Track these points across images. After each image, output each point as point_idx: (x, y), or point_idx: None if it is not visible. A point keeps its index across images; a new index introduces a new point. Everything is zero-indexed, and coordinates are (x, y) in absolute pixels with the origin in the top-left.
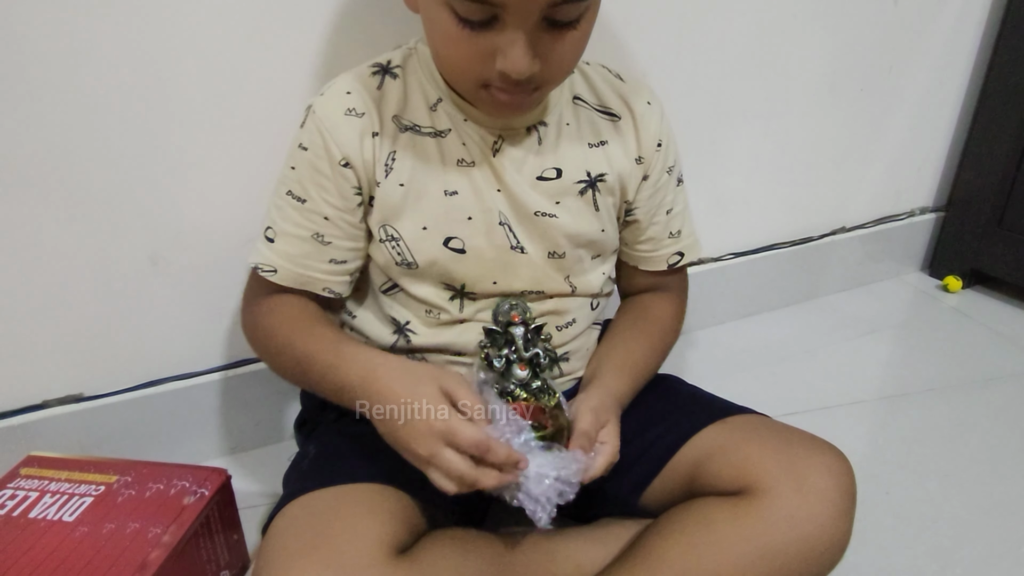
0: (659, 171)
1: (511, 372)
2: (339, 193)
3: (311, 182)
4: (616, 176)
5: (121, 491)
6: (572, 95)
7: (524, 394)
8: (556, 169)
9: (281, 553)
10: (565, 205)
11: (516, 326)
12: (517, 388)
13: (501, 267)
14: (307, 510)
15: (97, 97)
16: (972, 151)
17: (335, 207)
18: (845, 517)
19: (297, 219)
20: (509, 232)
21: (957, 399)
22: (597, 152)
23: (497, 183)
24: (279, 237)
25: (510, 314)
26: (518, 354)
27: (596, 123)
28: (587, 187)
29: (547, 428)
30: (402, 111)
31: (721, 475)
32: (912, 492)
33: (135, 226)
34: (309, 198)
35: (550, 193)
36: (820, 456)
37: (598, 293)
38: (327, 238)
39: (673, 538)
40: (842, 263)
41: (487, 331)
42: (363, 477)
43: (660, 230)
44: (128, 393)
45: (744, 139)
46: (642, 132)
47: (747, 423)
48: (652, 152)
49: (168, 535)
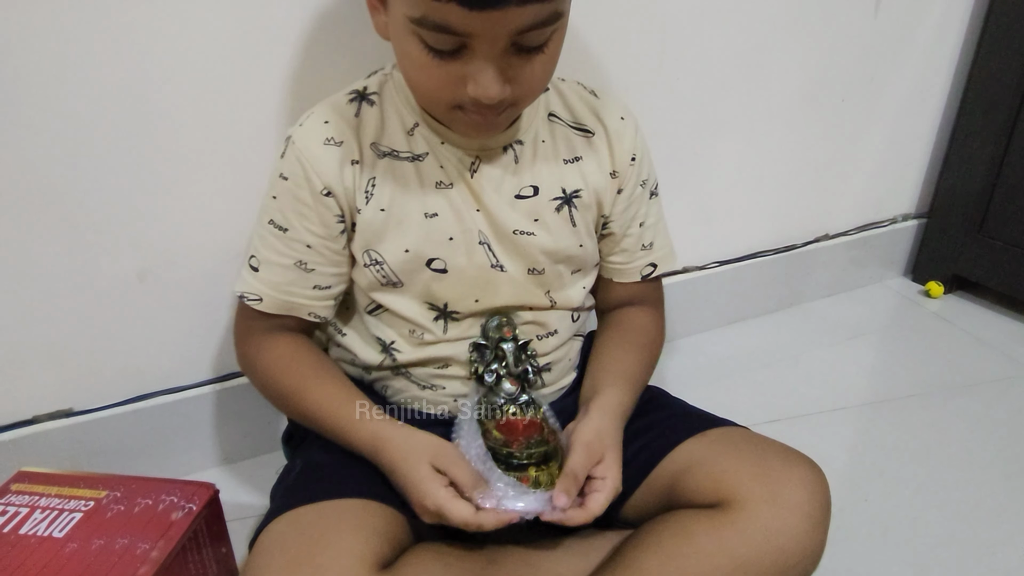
0: (633, 184)
1: (500, 386)
2: (321, 222)
3: (292, 211)
4: (592, 192)
5: (110, 507)
6: (547, 112)
7: (513, 408)
8: (533, 187)
9: (266, 570)
10: (543, 222)
11: (507, 341)
12: (506, 403)
13: (482, 285)
14: (292, 526)
15: (85, 114)
16: (953, 159)
17: (317, 235)
18: (819, 529)
19: (280, 248)
20: (489, 251)
21: (937, 405)
22: (572, 168)
23: (476, 203)
24: (263, 266)
25: (502, 330)
26: (508, 369)
27: (571, 139)
28: (563, 203)
29: (549, 443)
30: (380, 137)
31: (699, 488)
32: (890, 499)
33: (123, 243)
34: (291, 227)
35: (528, 211)
36: (795, 469)
37: (579, 307)
38: (310, 265)
39: (651, 549)
40: (825, 270)
41: (476, 346)
42: (348, 493)
43: (633, 242)
44: (118, 407)
45: (727, 149)
46: (616, 147)
47: (725, 436)
48: (626, 166)
49: (156, 551)
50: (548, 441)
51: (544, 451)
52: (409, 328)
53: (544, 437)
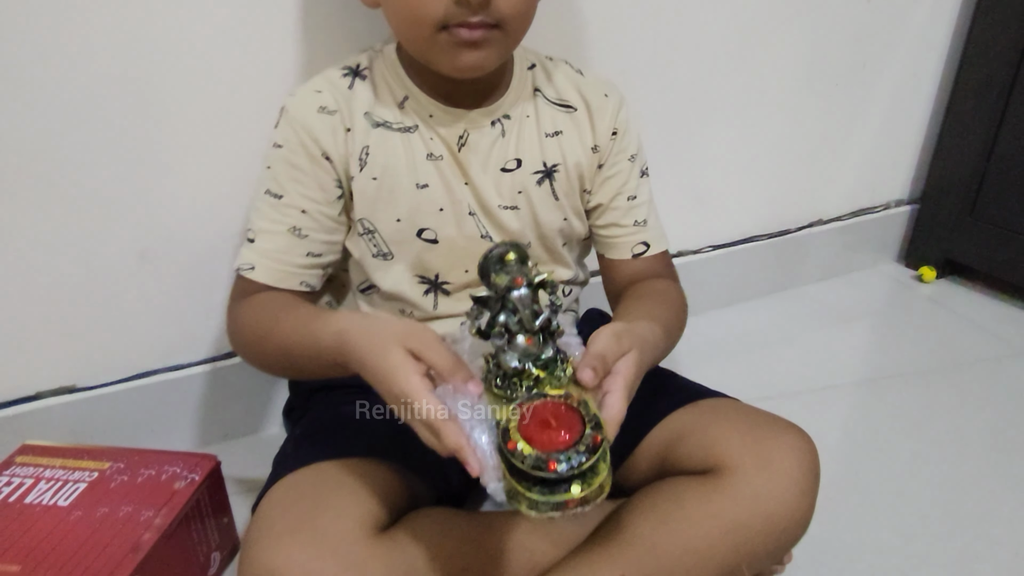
0: (614, 156)
1: (515, 345)
2: (319, 186)
3: (287, 177)
4: (572, 166)
5: (114, 477)
6: (533, 88)
7: (535, 370)
8: (516, 160)
9: (267, 533)
10: (526, 195)
11: (518, 289)
12: (527, 364)
13: (473, 256)
14: (292, 491)
15: (86, 95)
16: (945, 143)
17: (313, 200)
18: (808, 495)
19: (274, 216)
20: (479, 222)
21: (928, 384)
22: (552, 142)
23: (464, 177)
24: (258, 236)
25: (511, 274)
26: (524, 324)
27: (553, 115)
28: (544, 177)
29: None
30: (372, 108)
31: (691, 456)
32: (880, 472)
33: (124, 222)
34: (285, 193)
35: (512, 185)
36: (785, 437)
37: (571, 280)
38: (304, 231)
39: (644, 515)
40: (819, 254)
41: (477, 300)
42: (346, 452)
43: (622, 215)
44: (120, 384)
45: (721, 134)
46: (597, 122)
47: (716, 406)
48: (607, 141)
49: (160, 518)
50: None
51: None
52: (399, 307)
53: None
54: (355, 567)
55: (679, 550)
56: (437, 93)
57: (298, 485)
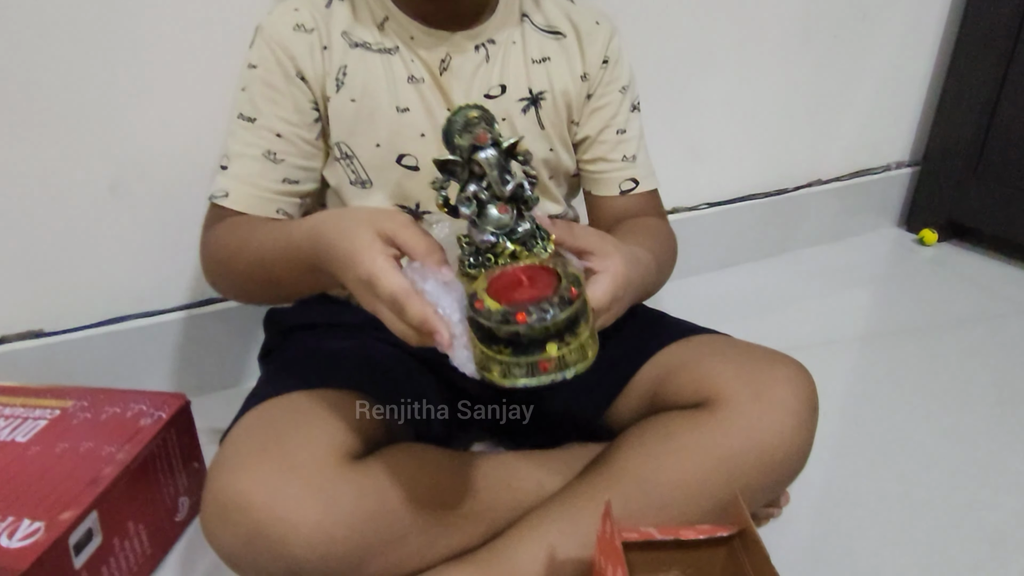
0: (604, 87)
1: (487, 216)
2: (295, 107)
3: (262, 98)
4: (559, 94)
5: (77, 414)
6: (520, 14)
7: (511, 245)
8: (501, 86)
9: (233, 456)
10: (511, 123)
11: (484, 149)
12: (500, 238)
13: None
14: (262, 419)
15: (53, 16)
16: (947, 101)
17: (289, 122)
18: (805, 427)
19: (248, 139)
20: None
21: (930, 340)
22: (539, 69)
23: (446, 102)
24: (232, 161)
25: (474, 132)
26: (493, 189)
27: (541, 41)
28: (529, 104)
29: (574, 301)
30: (351, 28)
31: (682, 390)
32: (882, 424)
33: (92, 151)
34: (260, 115)
35: (496, 112)
36: (780, 368)
37: (560, 216)
38: (280, 155)
39: (633, 450)
40: (818, 216)
41: (441, 164)
42: (320, 383)
43: (609, 150)
44: (90, 330)
45: (716, 86)
46: (587, 49)
47: (709, 340)
48: (597, 69)
49: (122, 453)
50: (569, 299)
51: (569, 315)
52: None
53: (562, 295)
54: (323, 490)
55: (669, 484)
56: (418, 14)
57: (268, 413)
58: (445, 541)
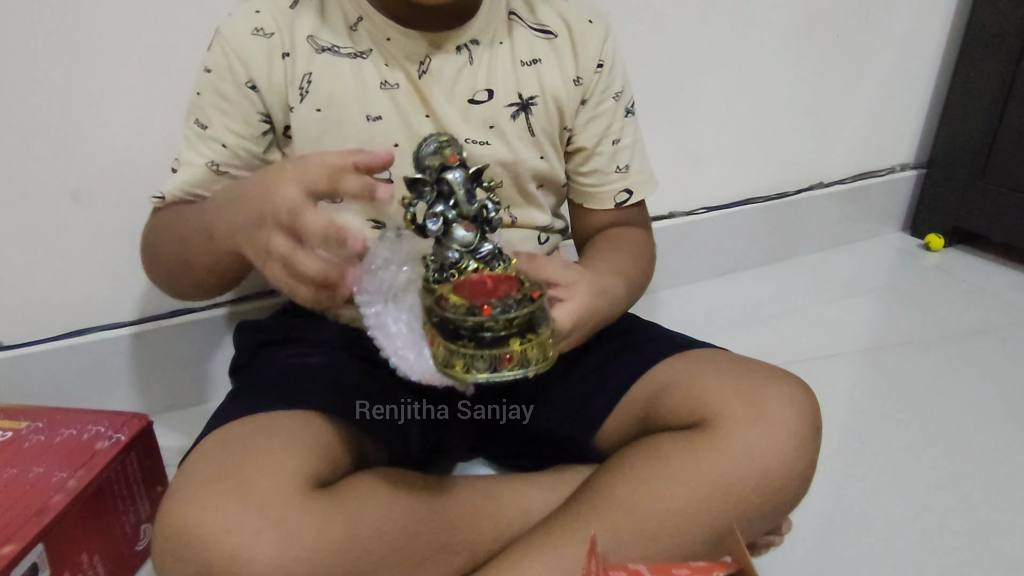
0: (600, 94)
1: (452, 234)
2: (243, 118)
3: (213, 107)
4: (551, 98)
5: (29, 437)
6: (507, 11)
7: (474, 263)
8: (487, 91)
9: (186, 485)
10: (499, 131)
11: (452, 170)
12: (464, 255)
13: None
14: (220, 442)
15: (9, 17)
16: (953, 102)
17: (236, 134)
18: (807, 448)
19: (199, 147)
20: None
21: (937, 351)
22: (528, 72)
23: (425, 108)
24: (181, 168)
25: (443, 154)
26: (459, 209)
27: (531, 42)
28: (519, 110)
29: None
30: (318, 31)
31: (675, 409)
32: (889, 443)
33: (54, 159)
34: (210, 124)
35: (482, 118)
36: (780, 385)
37: (546, 227)
38: (223, 167)
39: (622, 475)
40: (820, 221)
41: (411, 182)
42: (285, 403)
43: (605, 162)
44: (51, 343)
45: (715, 86)
46: (580, 51)
47: (705, 356)
48: (591, 74)
49: (74, 480)
50: (531, 298)
51: (529, 312)
52: None
53: (526, 293)
54: (283, 522)
55: (661, 512)
56: (395, 14)
57: (227, 436)
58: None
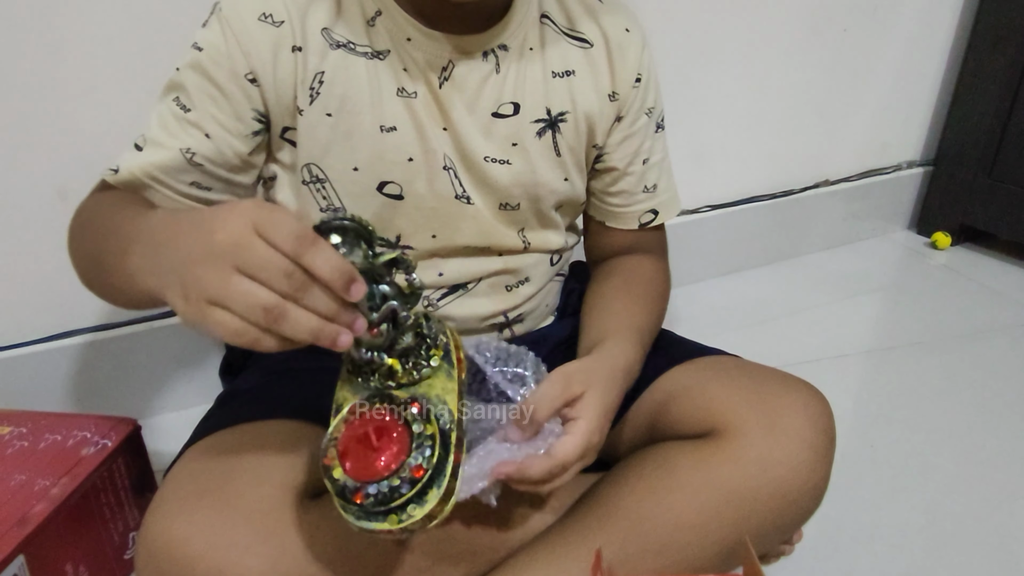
0: (636, 111)
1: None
2: (234, 112)
3: (200, 91)
4: (582, 115)
5: (12, 443)
6: (539, 13)
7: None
8: (513, 104)
9: (170, 499)
10: (522, 148)
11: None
12: (375, 354)
13: (443, 218)
14: (207, 453)
15: None
16: (961, 98)
17: (223, 127)
18: (822, 459)
19: (175, 129)
20: (454, 178)
21: (946, 352)
22: (560, 85)
23: (443, 120)
24: (148, 146)
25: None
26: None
27: (564, 50)
28: (546, 127)
29: (417, 480)
30: (333, 24)
31: (685, 418)
32: (899, 445)
33: (39, 156)
34: (194, 108)
35: (505, 134)
36: (794, 394)
37: (560, 248)
38: (198, 159)
39: (629, 485)
40: (826, 219)
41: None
42: (276, 413)
43: (634, 182)
44: (38, 345)
45: (721, 82)
46: (617, 64)
47: (715, 363)
48: (628, 88)
49: (58, 488)
50: (414, 479)
51: (409, 497)
52: None
53: (406, 472)
54: (274, 535)
55: (670, 524)
56: (418, 11)
57: (213, 446)
58: None
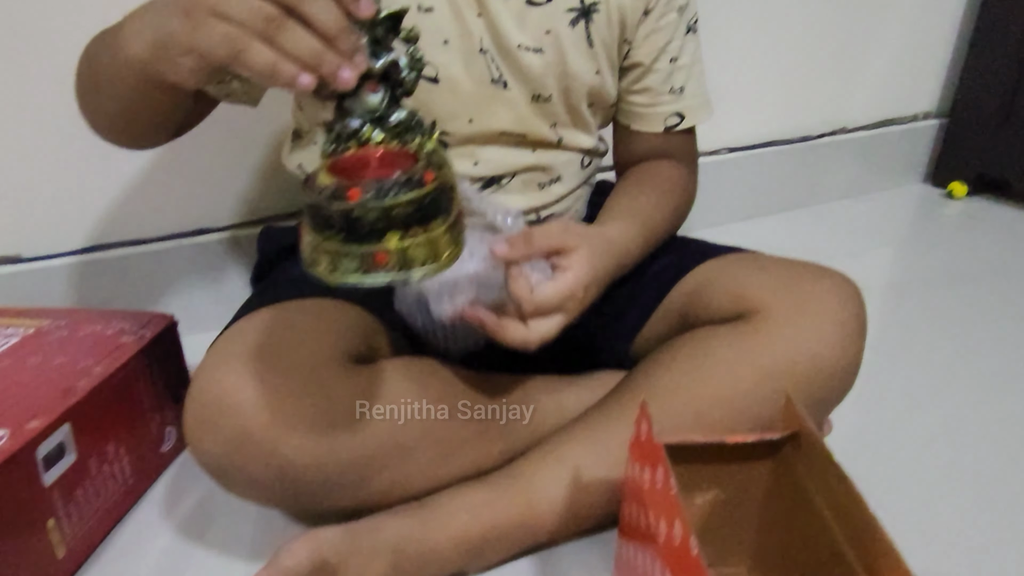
0: (664, 5)
1: (360, 98)
2: None
3: None
4: (615, 6)
5: (52, 332)
6: None
7: (379, 134)
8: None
9: (222, 358)
10: (555, 37)
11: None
12: (366, 124)
13: (479, 102)
14: (253, 323)
15: None
16: (978, 46)
17: None
18: (855, 340)
19: None
20: (491, 62)
21: (965, 288)
22: None
23: (478, 7)
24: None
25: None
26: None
27: None
28: (579, 16)
29: (425, 184)
30: None
31: (718, 304)
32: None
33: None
34: None
35: (538, 22)
36: (827, 280)
37: (591, 149)
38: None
39: (664, 365)
40: (842, 168)
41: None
42: (318, 292)
43: (660, 80)
44: (72, 256)
45: (737, 25)
46: None
47: (745, 257)
48: None
49: (100, 367)
50: (421, 181)
51: (416, 198)
52: None
53: (416, 175)
54: (322, 389)
55: (708, 398)
56: None
57: (260, 318)
58: (457, 459)
